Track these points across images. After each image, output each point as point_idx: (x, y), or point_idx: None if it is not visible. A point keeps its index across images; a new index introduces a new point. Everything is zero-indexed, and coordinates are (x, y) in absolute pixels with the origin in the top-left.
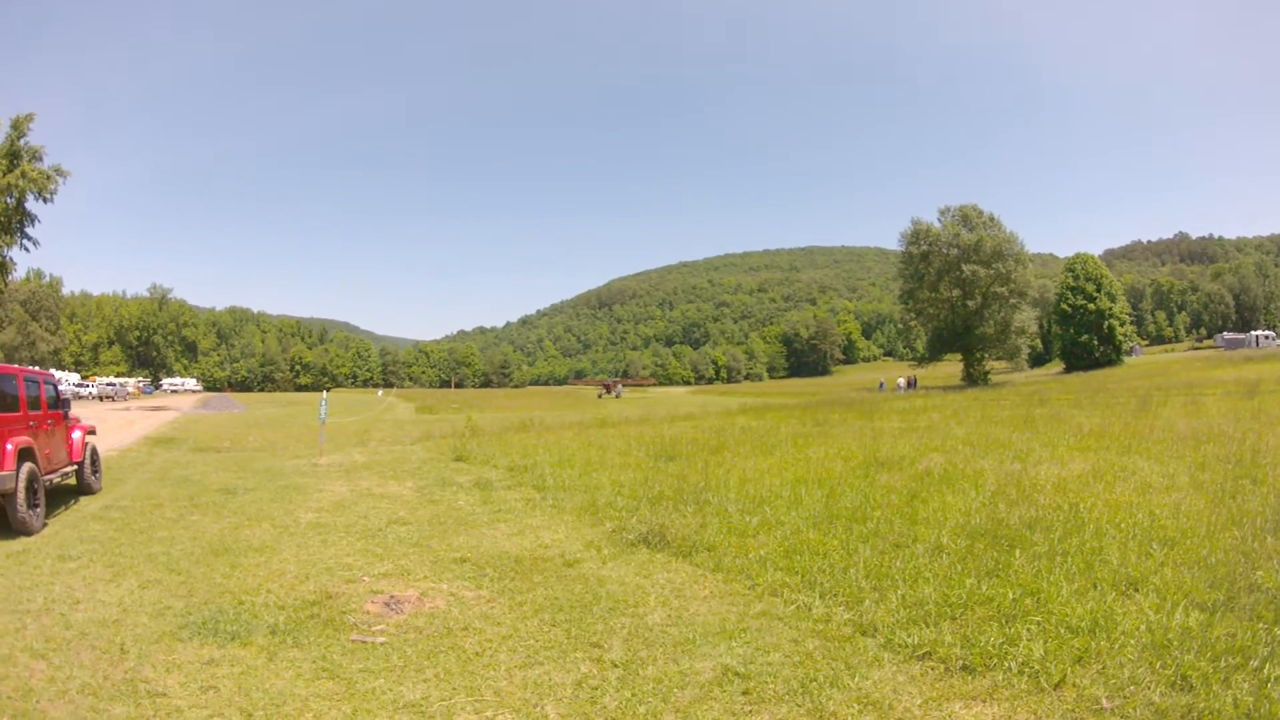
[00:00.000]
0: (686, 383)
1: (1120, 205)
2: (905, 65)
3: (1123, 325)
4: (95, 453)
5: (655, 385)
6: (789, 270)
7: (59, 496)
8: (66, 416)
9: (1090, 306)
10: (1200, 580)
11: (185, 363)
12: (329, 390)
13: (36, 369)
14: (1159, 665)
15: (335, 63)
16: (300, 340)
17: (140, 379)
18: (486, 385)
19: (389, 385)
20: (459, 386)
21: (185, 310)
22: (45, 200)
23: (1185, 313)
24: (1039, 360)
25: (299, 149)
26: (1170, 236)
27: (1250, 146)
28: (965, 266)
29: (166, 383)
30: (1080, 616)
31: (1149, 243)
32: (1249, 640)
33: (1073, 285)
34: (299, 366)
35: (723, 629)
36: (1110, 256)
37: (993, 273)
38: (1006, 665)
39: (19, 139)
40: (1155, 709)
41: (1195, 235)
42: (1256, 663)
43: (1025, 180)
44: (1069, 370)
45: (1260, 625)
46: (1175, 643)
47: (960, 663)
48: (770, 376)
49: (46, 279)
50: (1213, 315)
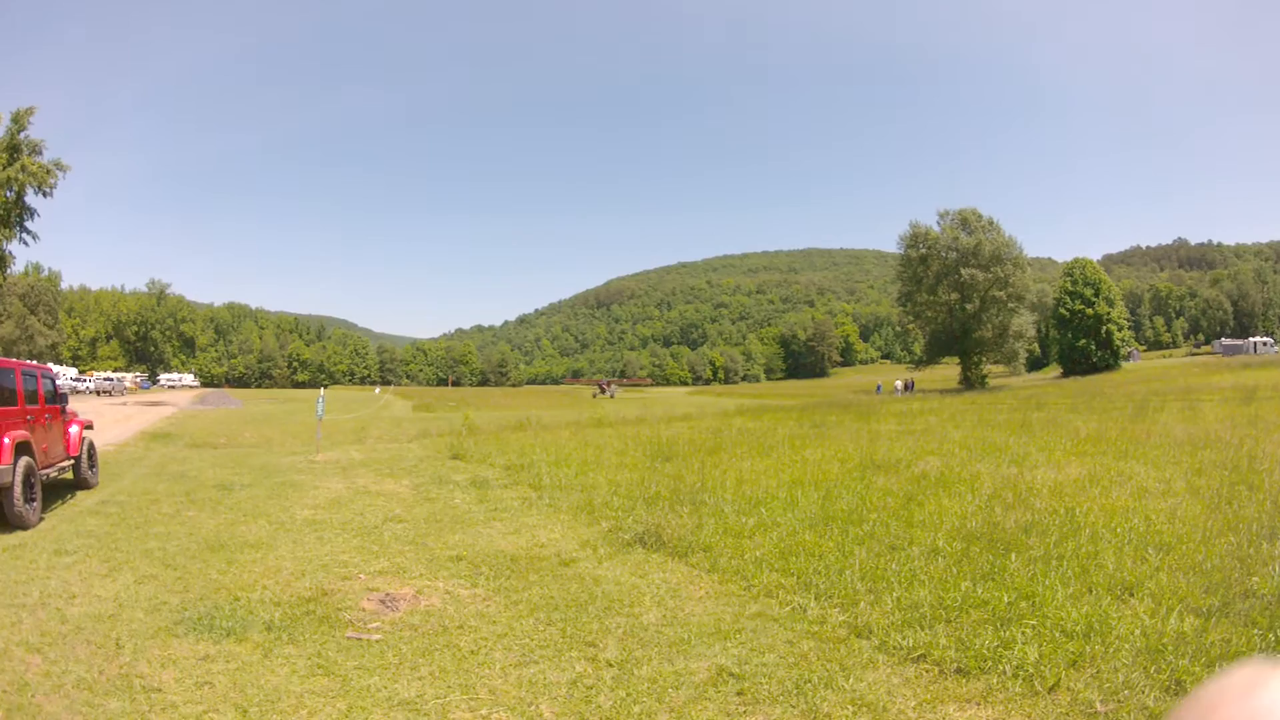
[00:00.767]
0: (684, 383)
1: (1119, 210)
2: (905, 67)
3: (1120, 330)
4: (92, 447)
5: (651, 385)
6: (787, 272)
7: (56, 491)
8: (64, 411)
9: (1088, 311)
10: (1196, 585)
11: (183, 358)
12: (326, 387)
13: (34, 363)
14: (1153, 670)
15: (335, 60)
16: (298, 337)
17: (138, 374)
18: (484, 384)
19: (386, 383)
20: (456, 385)
21: (183, 306)
22: (45, 194)
23: (1183, 318)
24: (1036, 364)
25: (299, 145)
26: (1169, 242)
27: (1250, 152)
28: (964, 270)
29: (164, 378)
30: (1075, 620)
31: (1148, 248)
32: (1244, 645)
33: (1071, 290)
34: (296, 363)
35: (718, 629)
36: (1109, 261)
37: (991, 276)
38: (1001, 668)
39: (19, 133)
40: (1149, 713)
41: (1194, 241)
42: None
43: (1024, 184)
44: (1066, 375)
45: (1255, 631)
46: (1170, 647)
47: (955, 665)
48: (768, 378)
49: (45, 273)
50: (1211, 321)
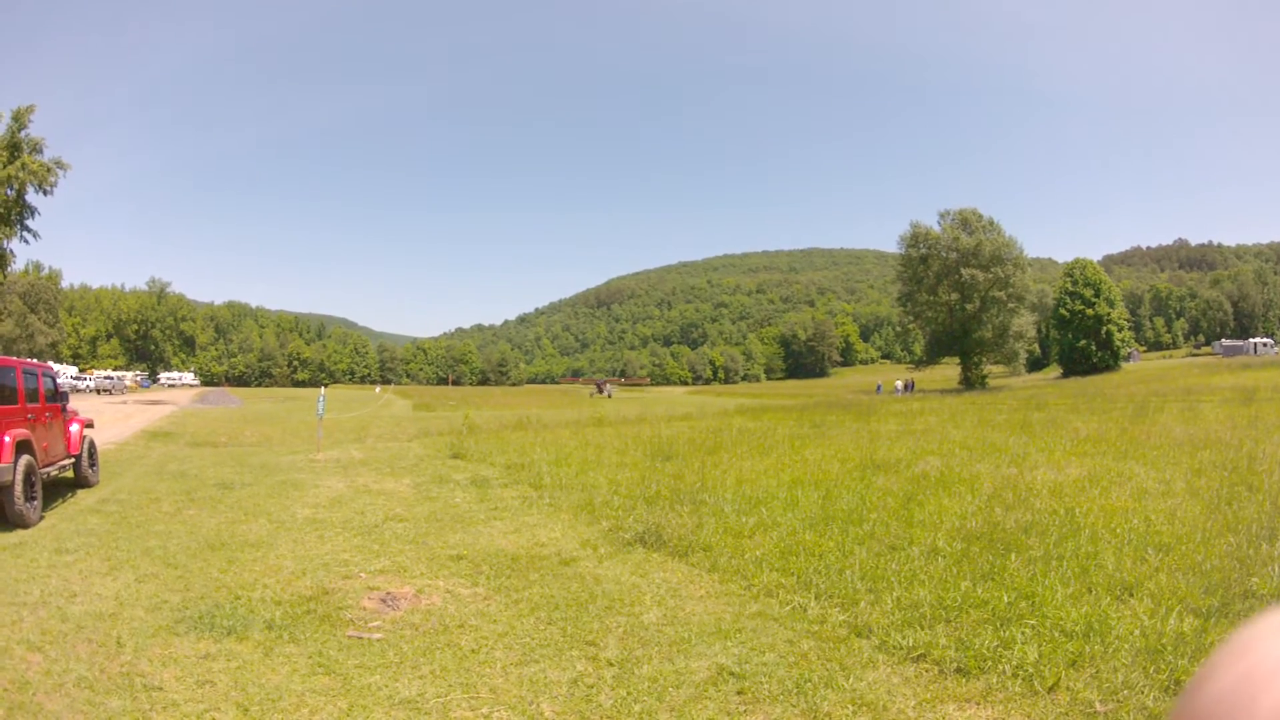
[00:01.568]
0: (684, 383)
1: (1120, 211)
2: (906, 68)
3: (1121, 331)
4: (93, 446)
5: (649, 385)
6: (788, 272)
7: (56, 489)
8: (64, 409)
9: (1089, 312)
10: (1195, 586)
11: (183, 357)
12: (327, 386)
13: (35, 361)
14: (1153, 670)
15: (336, 58)
16: (298, 336)
17: (138, 373)
18: (484, 383)
19: (387, 382)
20: (456, 384)
21: (183, 304)
22: (45, 193)
23: (1184, 319)
24: (1037, 365)
25: (299, 143)
26: (1170, 243)
27: (1251, 153)
28: (964, 270)
29: (164, 377)
30: (1075, 620)
31: (1148, 249)
32: None
33: (1071, 290)
34: (297, 362)
35: (718, 629)
36: (1109, 262)
37: (991, 277)
38: (1001, 668)
39: (20, 130)
40: (1148, 713)
41: (1195, 242)
42: None
43: (1025, 184)
44: (1066, 375)
45: None
46: (1169, 648)
47: (955, 665)
48: (768, 378)
49: (46, 271)
50: (1211, 322)
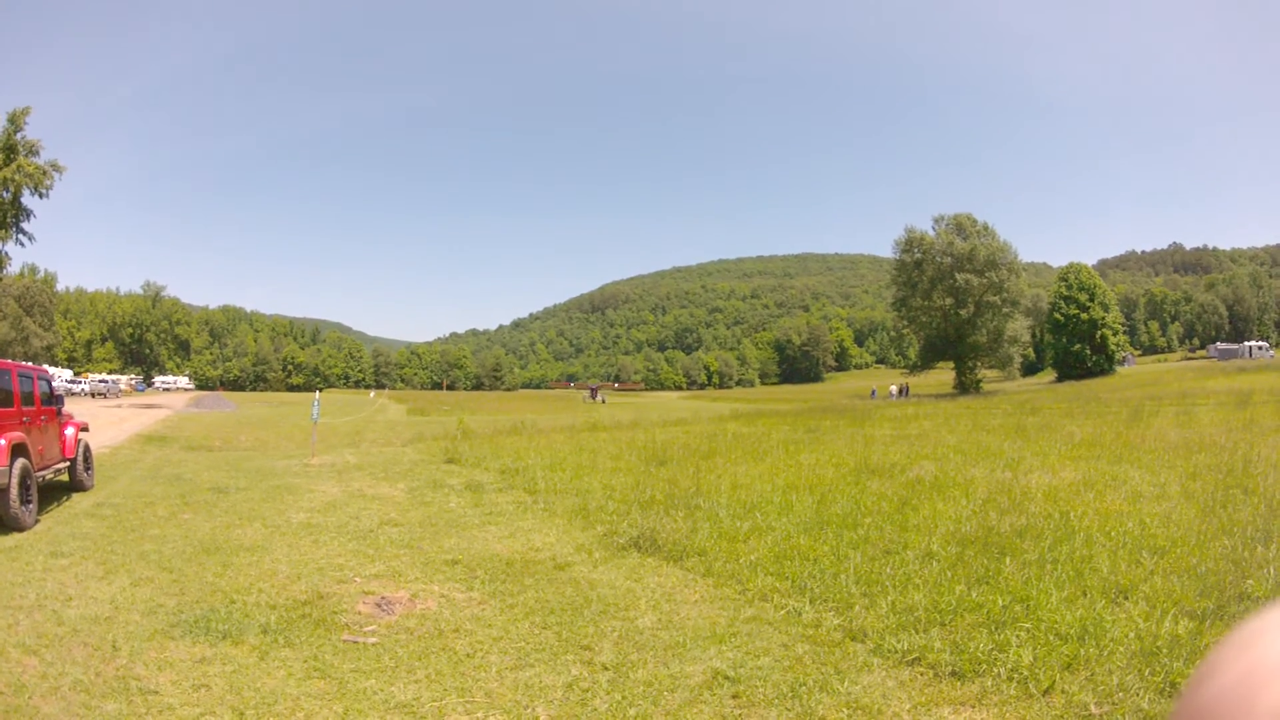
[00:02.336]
0: (678, 388)
1: (1115, 215)
2: (901, 74)
3: (1115, 335)
4: (88, 449)
5: (643, 390)
6: (782, 277)
7: (51, 493)
8: (60, 413)
9: (1083, 316)
10: (1190, 589)
11: (178, 361)
12: (321, 390)
13: (30, 365)
14: (1148, 672)
15: (331, 62)
16: (293, 340)
17: (133, 376)
18: (478, 388)
19: (381, 386)
20: (451, 388)
21: (178, 308)
22: (41, 195)
23: (1178, 323)
24: (1031, 369)
25: (294, 148)
26: (1164, 247)
27: (1247, 157)
28: (958, 275)
29: (159, 380)
30: (1070, 624)
31: (1143, 253)
32: None
33: (1066, 294)
34: (291, 366)
35: (713, 633)
36: (1104, 266)
37: (986, 281)
38: (996, 671)
39: (15, 133)
40: (1144, 715)
41: (1190, 246)
42: None
43: (1020, 189)
44: (1061, 379)
45: None
46: (1165, 650)
47: (950, 668)
48: (762, 383)
49: (41, 274)
50: (1206, 326)
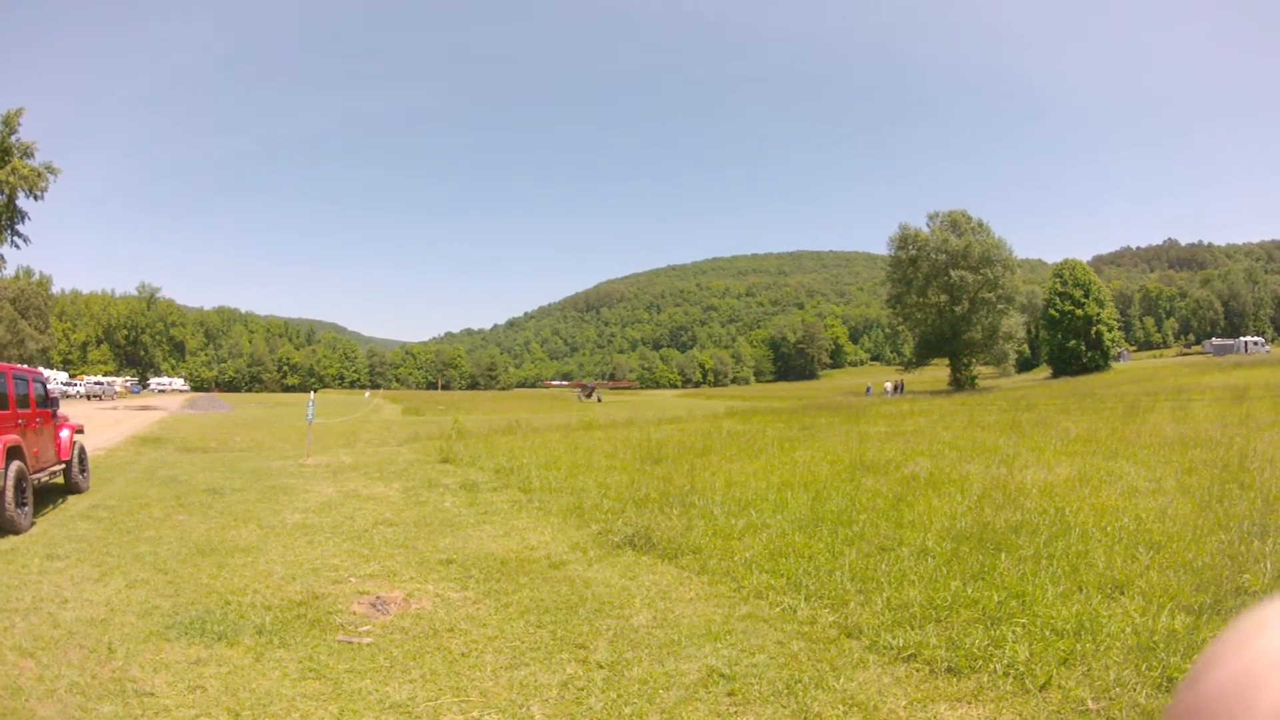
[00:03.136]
0: (673, 386)
1: (1110, 212)
2: (896, 71)
3: (1110, 331)
4: (83, 451)
5: (637, 388)
6: (777, 275)
7: (47, 495)
8: (55, 415)
9: (1078, 312)
10: (1186, 583)
11: (173, 362)
12: (316, 391)
13: (25, 367)
14: (1145, 667)
15: (324, 61)
16: (288, 341)
17: (128, 378)
18: (473, 387)
19: (376, 386)
20: (446, 388)
21: (173, 310)
22: (36, 198)
23: (1174, 319)
24: (1027, 365)
25: (288, 148)
26: (1160, 242)
27: (1242, 153)
28: (953, 272)
29: (154, 382)
30: (1066, 619)
31: (1138, 249)
32: None
33: (1060, 291)
34: (286, 367)
35: (708, 631)
36: (1099, 262)
37: (981, 278)
38: (992, 667)
39: (10, 135)
40: (1141, 710)
41: (1185, 242)
42: None
43: (1014, 186)
44: (1056, 375)
45: None
46: (1161, 645)
47: (945, 664)
48: (757, 380)
49: (36, 277)
50: (1201, 321)
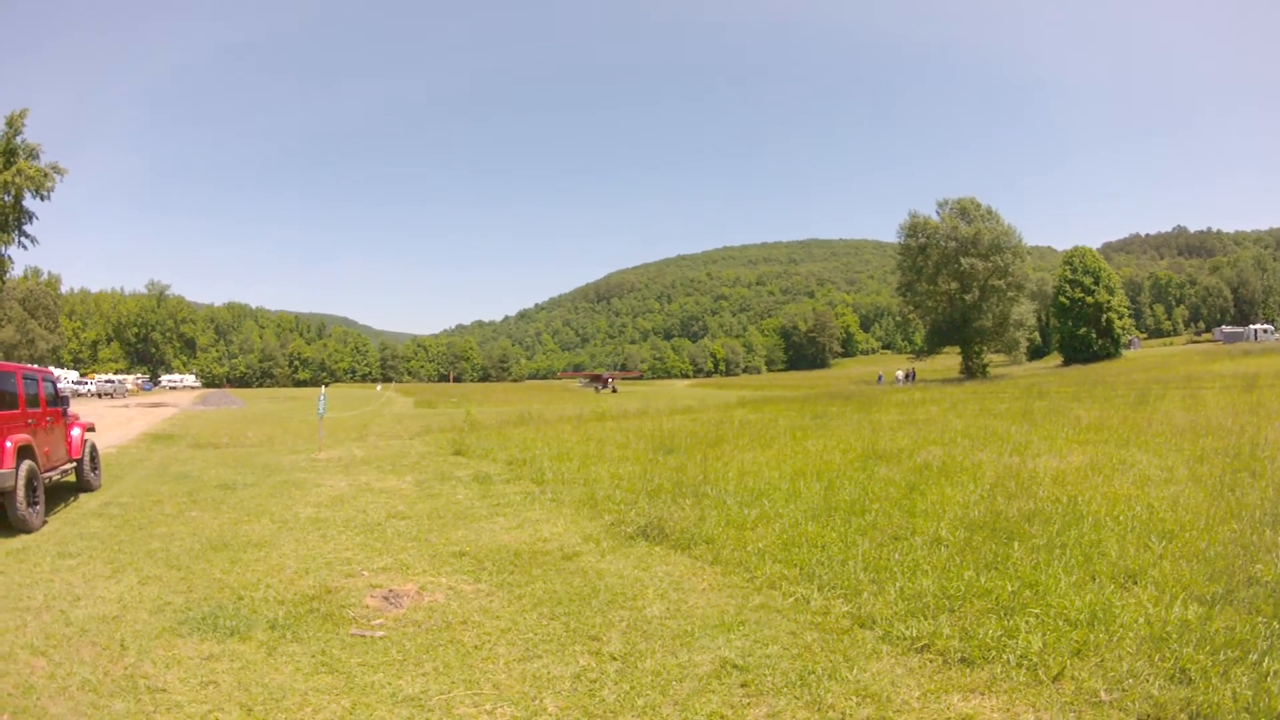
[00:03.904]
0: (685, 376)
1: (1119, 199)
2: (903, 56)
3: (1121, 318)
4: (94, 450)
5: (640, 378)
6: (787, 263)
7: (58, 493)
8: (65, 414)
9: (1088, 299)
10: (1199, 573)
11: (184, 359)
12: (328, 385)
13: (35, 366)
14: (1157, 658)
15: (332, 55)
16: (299, 335)
17: (139, 376)
18: (485, 379)
19: (388, 380)
20: (457, 381)
21: (183, 306)
22: (43, 198)
23: (1183, 306)
24: (1037, 353)
25: (296, 143)
26: (1169, 230)
27: (1249, 140)
28: (963, 259)
29: (165, 379)
30: (1079, 609)
31: (1147, 236)
32: (1248, 633)
33: (1071, 278)
34: (297, 362)
35: (721, 621)
36: (1109, 250)
37: (991, 265)
38: (1005, 658)
39: (14, 136)
40: (1154, 701)
41: (1194, 229)
42: (1256, 656)
43: (1024, 173)
44: (1067, 363)
45: (1259, 618)
46: (1174, 635)
47: (959, 655)
48: (768, 369)
49: (45, 276)
50: (1211, 309)
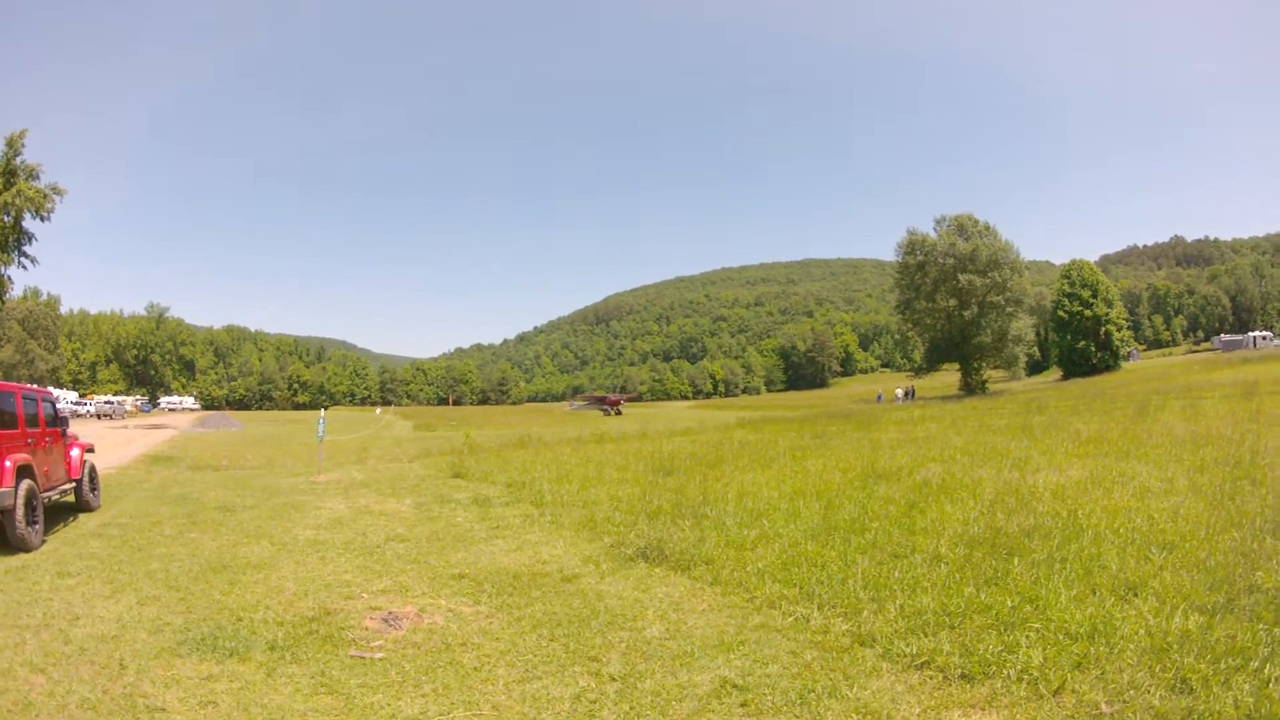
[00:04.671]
0: (684, 397)
1: (1115, 210)
2: (898, 75)
3: (1120, 330)
4: (94, 470)
5: (637, 400)
6: (785, 284)
7: (57, 513)
8: (65, 434)
9: (1087, 313)
10: (1200, 583)
11: (183, 381)
12: (327, 408)
13: (35, 387)
14: (1159, 669)
15: (329, 79)
16: (298, 359)
17: (138, 397)
18: (484, 402)
19: (387, 403)
20: (457, 404)
21: (183, 329)
22: (42, 219)
23: (1182, 316)
24: (1037, 368)
25: (297, 166)
26: (1166, 240)
27: (1245, 147)
28: (961, 276)
29: (164, 401)
30: (1079, 622)
31: (1144, 247)
32: (1249, 641)
33: (1069, 292)
34: (297, 385)
35: (721, 641)
36: (1106, 262)
37: (989, 281)
38: (1005, 673)
39: (14, 157)
40: (1155, 713)
41: (1191, 238)
42: (1257, 664)
43: (1020, 188)
44: (1067, 377)
45: (1260, 626)
46: (1175, 646)
47: (959, 671)
48: (768, 390)
49: (44, 297)
50: (1210, 317)
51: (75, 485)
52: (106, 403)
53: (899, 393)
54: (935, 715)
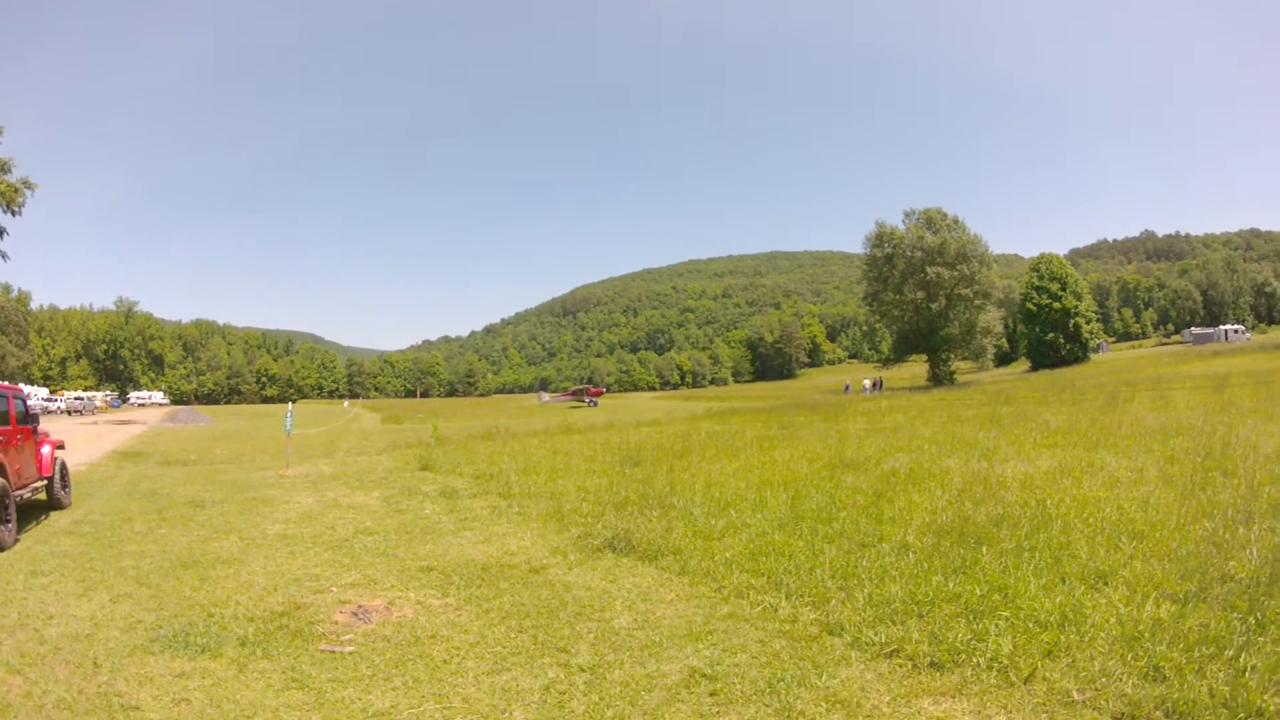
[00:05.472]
0: (651, 389)
1: (1085, 205)
2: (867, 69)
3: (1089, 323)
4: (65, 467)
5: (603, 392)
6: (753, 275)
7: (30, 511)
8: (36, 431)
9: (1055, 305)
10: (1171, 572)
11: (152, 376)
12: (295, 401)
13: (5, 384)
14: (1130, 657)
15: (297, 74)
16: (266, 352)
17: (108, 393)
18: (452, 394)
19: (355, 396)
20: (424, 396)
21: (152, 323)
22: (14, 213)
23: (1152, 309)
24: (1005, 360)
25: (265, 159)
26: (1136, 234)
27: (1217, 142)
28: (929, 269)
29: (134, 396)
30: (1049, 611)
31: (1114, 241)
32: (1223, 630)
33: (1037, 285)
34: (265, 378)
35: (689, 631)
36: (1076, 256)
37: (957, 274)
38: (975, 661)
39: None
40: (1128, 700)
41: (1162, 233)
42: (1232, 652)
43: (990, 182)
44: (1035, 369)
45: (1234, 615)
46: (1147, 634)
47: (928, 659)
48: (735, 381)
49: (15, 293)
50: (1180, 311)
51: (47, 483)
52: (76, 399)
53: (866, 383)
54: (905, 703)
